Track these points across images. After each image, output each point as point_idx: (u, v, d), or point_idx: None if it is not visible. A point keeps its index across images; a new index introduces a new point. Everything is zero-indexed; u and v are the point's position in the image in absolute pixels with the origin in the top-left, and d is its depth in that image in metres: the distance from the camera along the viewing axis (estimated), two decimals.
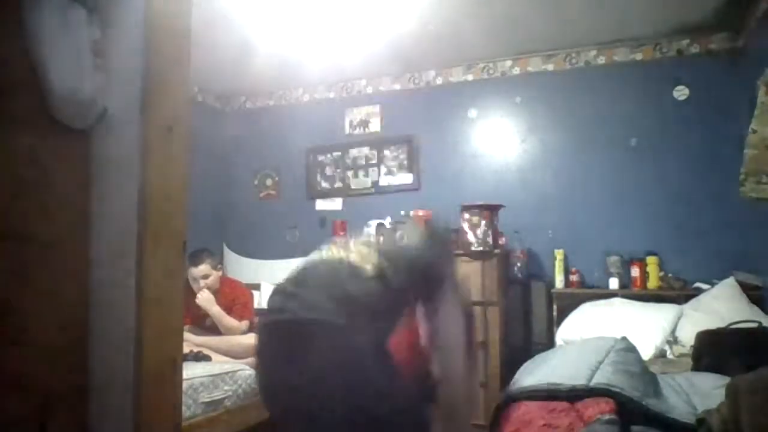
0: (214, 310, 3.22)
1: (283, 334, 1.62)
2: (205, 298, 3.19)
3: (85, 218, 1.09)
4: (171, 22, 1.13)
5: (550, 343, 3.37)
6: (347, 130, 4.42)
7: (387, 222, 3.64)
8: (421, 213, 3.54)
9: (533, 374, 1.87)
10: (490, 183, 3.96)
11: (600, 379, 1.60)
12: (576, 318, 3.21)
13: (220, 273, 3.39)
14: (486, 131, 4.05)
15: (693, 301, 3.11)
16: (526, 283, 3.65)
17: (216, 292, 3.32)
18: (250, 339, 3.27)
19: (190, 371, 2.75)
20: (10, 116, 0.98)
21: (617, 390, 1.54)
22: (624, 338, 2.13)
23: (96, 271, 1.08)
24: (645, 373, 1.78)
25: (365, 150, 4.34)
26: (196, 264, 3.23)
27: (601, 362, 1.73)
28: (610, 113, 3.72)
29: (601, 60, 3.77)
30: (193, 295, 3.25)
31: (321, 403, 1.37)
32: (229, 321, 3.25)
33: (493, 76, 4.03)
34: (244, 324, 3.30)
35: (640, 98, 3.66)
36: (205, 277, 3.26)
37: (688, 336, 2.69)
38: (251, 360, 3.18)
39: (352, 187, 4.36)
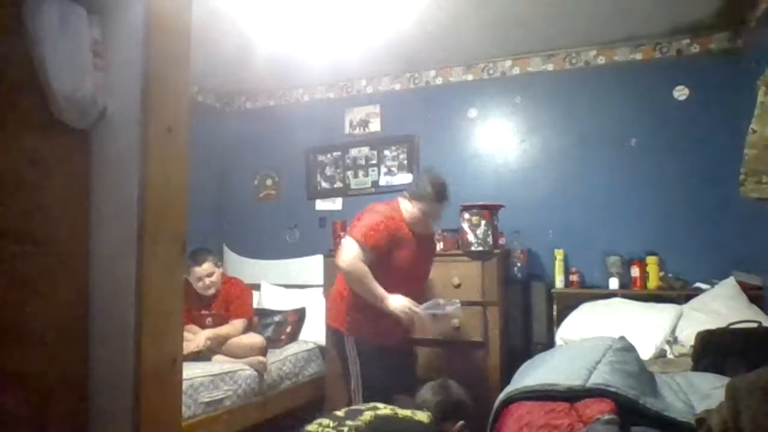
0: (216, 334, 3.19)
1: None
2: (204, 342, 3.12)
3: (85, 218, 1.09)
4: (171, 22, 1.13)
5: (550, 343, 3.37)
6: (347, 130, 4.42)
7: None
8: None
9: (532, 374, 1.88)
10: (490, 183, 3.96)
11: (597, 379, 1.60)
12: (576, 318, 3.21)
13: (221, 270, 3.40)
14: (486, 131, 4.05)
15: (693, 301, 3.11)
16: (526, 283, 3.65)
17: (218, 290, 3.32)
18: (250, 339, 3.27)
19: (190, 371, 2.76)
20: (10, 116, 0.98)
21: (614, 390, 1.54)
22: (622, 338, 2.14)
23: (96, 271, 1.08)
24: (642, 373, 1.78)
25: (365, 150, 4.34)
26: (199, 263, 3.23)
27: (598, 362, 1.73)
28: (610, 113, 3.72)
29: (601, 60, 3.77)
30: (193, 295, 3.25)
31: None
32: (229, 331, 3.23)
33: (493, 76, 4.03)
34: (240, 322, 3.30)
35: (640, 98, 3.66)
36: (210, 275, 3.26)
37: (688, 336, 2.69)
38: (251, 359, 3.18)
39: (352, 187, 4.37)
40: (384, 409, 1.90)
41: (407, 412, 1.93)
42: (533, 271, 3.73)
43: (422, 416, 1.95)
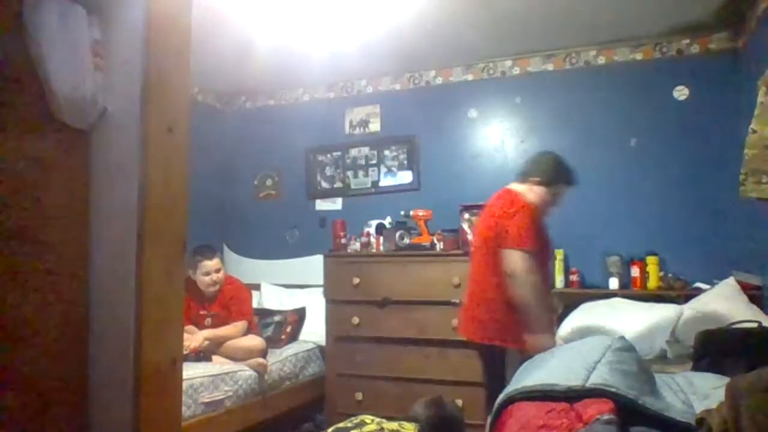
0: (215, 335, 3.19)
1: None
2: (201, 341, 3.11)
3: (85, 218, 1.09)
4: (171, 22, 1.13)
5: None
6: (347, 130, 4.42)
7: (387, 222, 3.65)
8: (421, 213, 3.54)
9: (532, 375, 1.87)
10: (490, 183, 3.95)
11: (596, 379, 1.60)
12: (576, 318, 3.21)
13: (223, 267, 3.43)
14: (486, 131, 4.05)
15: (693, 301, 3.11)
16: None
17: (220, 289, 3.32)
18: (250, 341, 3.27)
19: (190, 371, 2.76)
20: (10, 116, 0.98)
21: (613, 390, 1.54)
22: (621, 337, 2.13)
23: (96, 271, 1.09)
24: (641, 372, 1.78)
25: (365, 150, 4.34)
26: (210, 258, 3.28)
27: (597, 362, 1.73)
28: (610, 113, 3.72)
29: (601, 60, 3.77)
30: (193, 295, 3.25)
31: None
32: (229, 332, 3.23)
33: (493, 76, 4.03)
34: (242, 325, 3.30)
35: (640, 98, 3.66)
36: (218, 270, 3.29)
37: (688, 336, 2.69)
38: (252, 361, 3.18)
39: (352, 187, 4.37)
40: (371, 424, 1.91)
41: (394, 425, 1.93)
42: None
43: (409, 427, 1.95)
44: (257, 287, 4.30)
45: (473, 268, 2.60)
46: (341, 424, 1.97)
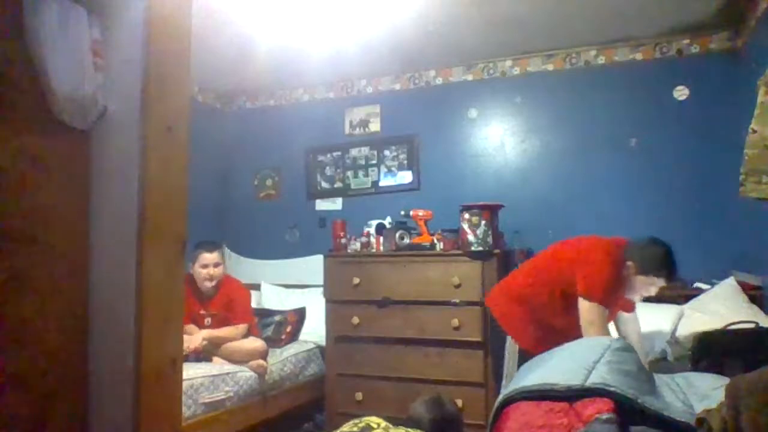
0: (214, 336, 3.18)
1: None
2: (200, 342, 3.08)
3: (85, 218, 1.09)
4: (171, 22, 1.13)
5: None
6: (347, 130, 4.42)
7: (387, 222, 3.65)
8: (421, 213, 3.54)
9: (531, 375, 1.87)
10: (490, 183, 3.96)
11: (595, 378, 1.60)
12: None
13: (223, 266, 3.40)
14: (486, 131, 4.05)
15: (693, 301, 3.11)
16: None
17: (218, 286, 3.31)
18: (251, 343, 3.27)
19: (191, 371, 2.76)
20: (11, 116, 0.98)
21: (613, 389, 1.54)
22: (621, 338, 2.14)
23: (96, 271, 1.09)
24: (641, 372, 1.78)
25: (365, 150, 4.34)
26: (210, 250, 3.27)
27: (597, 362, 1.73)
28: (610, 113, 3.72)
29: (601, 60, 3.77)
30: (194, 293, 3.25)
31: None
32: (229, 334, 3.22)
33: (493, 76, 4.03)
34: (243, 327, 3.29)
35: (640, 98, 3.66)
36: (217, 265, 3.28)
37: (688, 337, 2.69)
38: (252, 363, 3.18)
39: (352, 187, 4.37)
40: (377, 430, 1.90)
41: (400, 431, 1.92)
42: None
43: None
44: (257, 287, 4.30)
45: (535, 265, 2.74)
46: (346, 428, 1.95)
